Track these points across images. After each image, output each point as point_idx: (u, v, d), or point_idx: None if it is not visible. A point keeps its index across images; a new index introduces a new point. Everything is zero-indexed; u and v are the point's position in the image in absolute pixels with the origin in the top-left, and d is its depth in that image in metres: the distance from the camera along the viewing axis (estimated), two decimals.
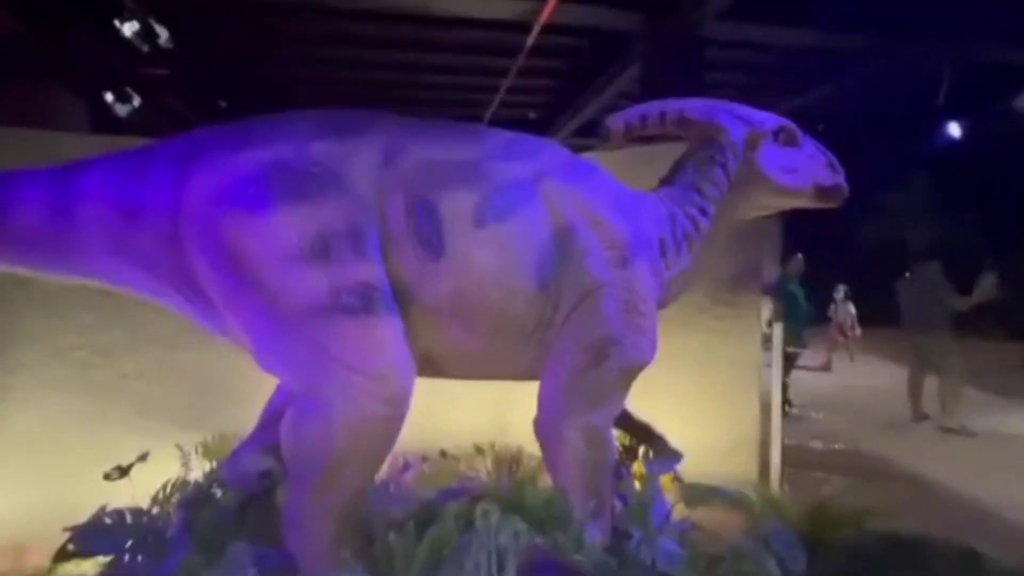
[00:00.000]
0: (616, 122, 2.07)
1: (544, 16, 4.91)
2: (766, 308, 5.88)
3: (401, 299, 1.58)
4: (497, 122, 8.98)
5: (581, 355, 1.75)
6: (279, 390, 1.93)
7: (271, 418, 1.84)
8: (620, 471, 2.37)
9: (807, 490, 3.21)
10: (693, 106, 2.06)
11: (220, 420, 2.64)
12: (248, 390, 2.11)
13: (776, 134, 1.99)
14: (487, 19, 5.76)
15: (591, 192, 1.84)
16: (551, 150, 1.96)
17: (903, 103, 7.95)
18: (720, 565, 1.74)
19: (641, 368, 1.83)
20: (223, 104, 7.67)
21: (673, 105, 2.08)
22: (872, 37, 5.92)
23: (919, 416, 5.26)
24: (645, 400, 3.67)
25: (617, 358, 1.75)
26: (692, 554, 1.73)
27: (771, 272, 5.90)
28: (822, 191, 2.03)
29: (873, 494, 3.49)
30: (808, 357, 7.51)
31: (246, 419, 2.03)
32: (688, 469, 3.57)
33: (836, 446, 3.50)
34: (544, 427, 1.81)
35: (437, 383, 1.99)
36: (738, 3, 4.87)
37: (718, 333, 3.53)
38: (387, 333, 1.53)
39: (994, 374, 5.92)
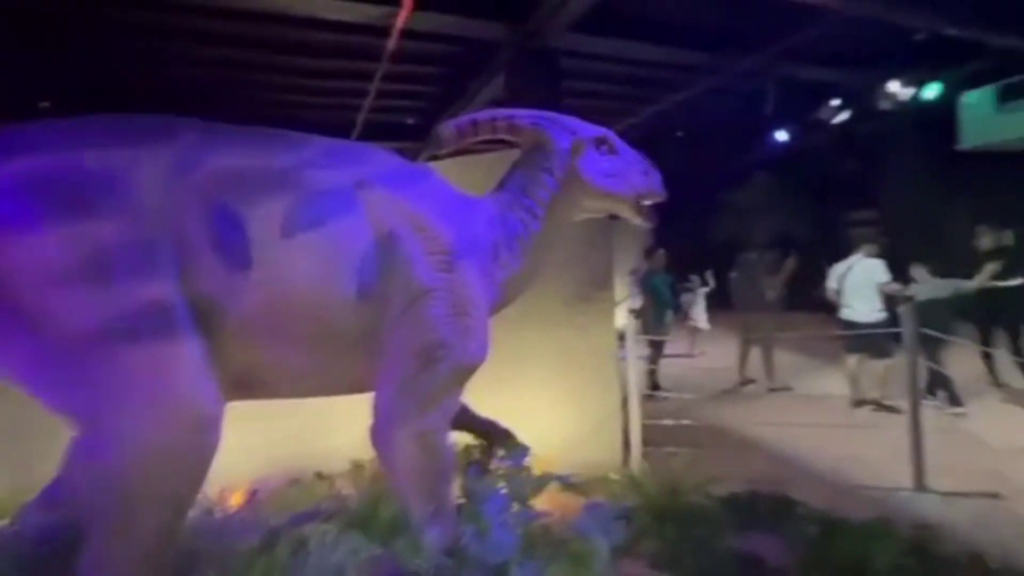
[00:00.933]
0: (448, 128, 2.13)
1: (399, 22, 4.90)
2: (634, 300, 6.37)
3: (207, 316, 1.48)
4: (374, 127, 8.79)
5: (411, 360, 1.76)
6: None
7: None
8: (479, 469, 2.42)
9: (663, 464, 3.56)
10: (522, 115, 2.17)
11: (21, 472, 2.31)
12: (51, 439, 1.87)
13: (597, 143, 2.15)
14: (351, 22, 5.63)
15: (416, 199, 1.86)
16: (377, 158, 1.95)
17: (743, 112, 9.06)
18: (558, 548, 1.86)
19: (472, 369, 1.88)
20: (45, 105, 6.68)
21: (503, 113, 2.17)
22: (710, 55, 6.67)
23: (744, 381, 6.03)
24: (513, 393, 3.81)
25: (447, 361, 1.78)
26: (530, 542, 1.82)
27: (640, 266, 6.48)
28: (640, 194, 2.22)
29: (716, 460, 3.96)
30: (678, 345, 8.24)
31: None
32: (558, 456, 3.76)
33: (685, 421, 3.86)
34: (378, 435, 1.80)
35: (318, 402, 1.92)
36: (589, 17, 5.22)
37: (579, 327, 3.76)
38: (182, 355, 1.42)
39: (809, 342, 6.88)
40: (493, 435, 2.38)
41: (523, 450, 2.35)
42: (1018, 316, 5.38)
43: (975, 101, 7.19)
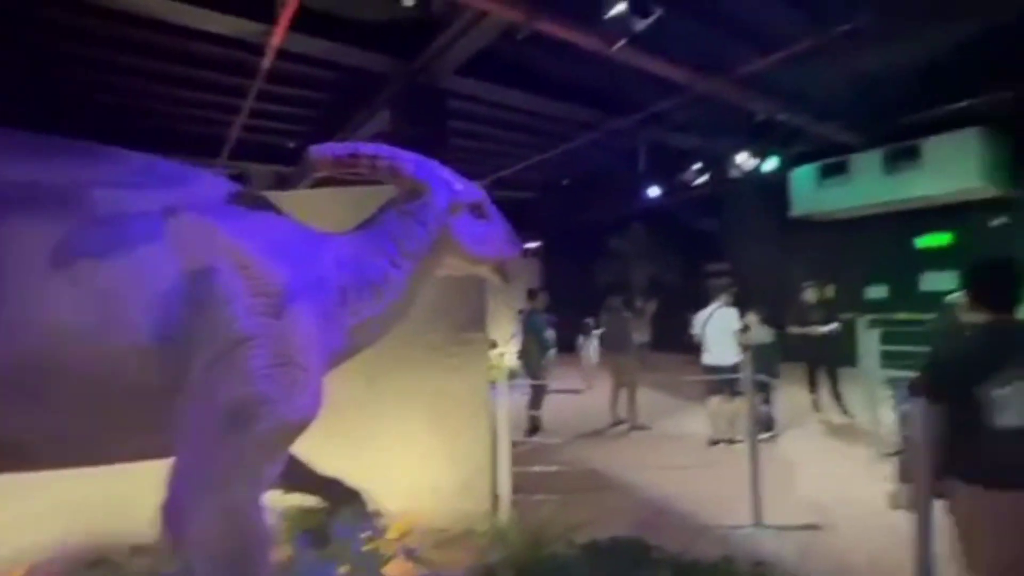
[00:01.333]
0: (322, 152, 1.94)
1: (275, 41, 4.65)
2: (517, 340, 6.42)
3: None
4: (250, 146, 8.17)
5: (219, 419, 1.49)
6: None
7: None
8: (315, 539, 2.14)
9: (534, 512, 3.50)
10: (407, 159, 2.05)
11: None
12: None
13: (473, 206, 2.09)
14: (227, 35, 5.23)
15: (241, 232, 1.64)
16: (201, 181, 1.71)
17: (622, 166, 9.86)
18: None
19: (302, 427, 1.66)
20: None
21: (387, 151, 2.03)
22: (589, 111, 7.18)
23: (614, 422, 6.29)
24: (378, 444, 3.56)
25: (267, 419, 1.54)
26: None
27: (525, 306, 6.59)
28: (503, 262, 2.21)
29: (584, 505, 4.00)
30: (569, 381, 8.43)
31: None
32: (428, 509, 3.55)
33: (554, 467, 3.86)
34: (170, 512, 1.49)
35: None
36: (478, 62, 5.36)
37: (451, 370, 3.64)
38: None
39: (676, 383, 7.40)
40: (336, 496, 2.12)
41: (370, 515, 2.11)
42: (835, 358, 6.24)
43: (802, 176, 8.53)
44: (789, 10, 4.67)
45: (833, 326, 6.10)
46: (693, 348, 5.95)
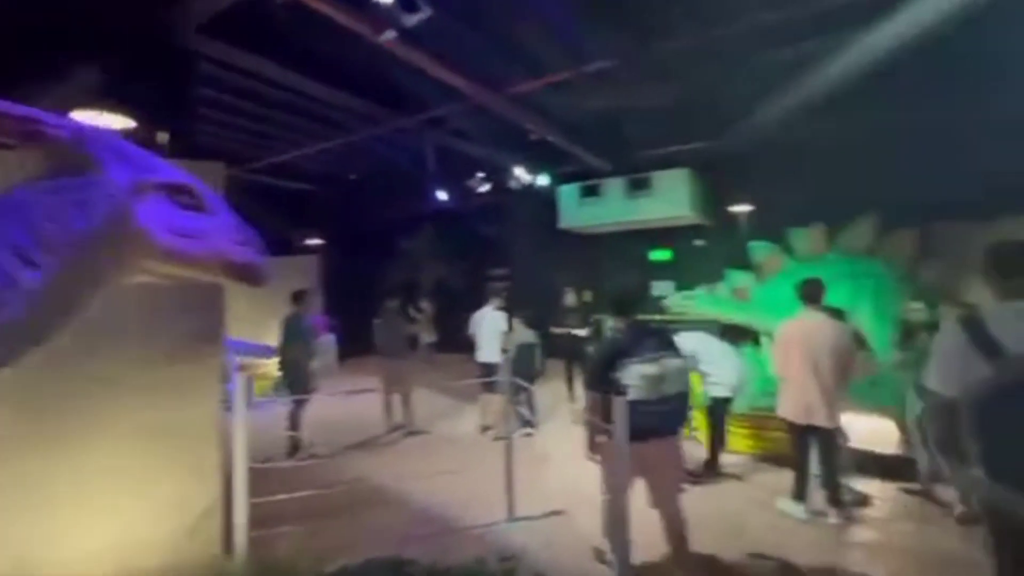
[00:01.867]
0: None
1: None
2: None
3: None
4: None
5: None
6: None
7: None
8: None
9: (280, 545, 3.08)
10: (62, 124, 1.48)
11: None
12: None
13: (173, 190, 1.64)
14: None
15: None
16: None
17: (413, 167, 9.72)
18: None
19: None
20: None
21: (35, 113, 1.43)
22: (369, 104, 6.85)
23: (391, 428, 6.18)
24: (74, 482, 2.72)
25: None
26: None
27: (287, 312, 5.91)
28: (231, 267, 1.79)
29: (344, 526, 3.73)
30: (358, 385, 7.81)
31: None
32: (154, 555, 2.83)
33: (305, 492, 3.47)
34: None
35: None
36: (230, 23, 4.56)
37: (173, 394, 2.98)
38: None
39: (457, 382, 7.60)
40: None
41: None
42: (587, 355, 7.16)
43: (567, 193, 9.67)
44: (557, 40, 5.15)
45: (588, 329, 6.95)
46: (472, 348, 6.16)
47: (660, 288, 10.42)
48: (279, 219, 11.64)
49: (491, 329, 5.97)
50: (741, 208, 9.12)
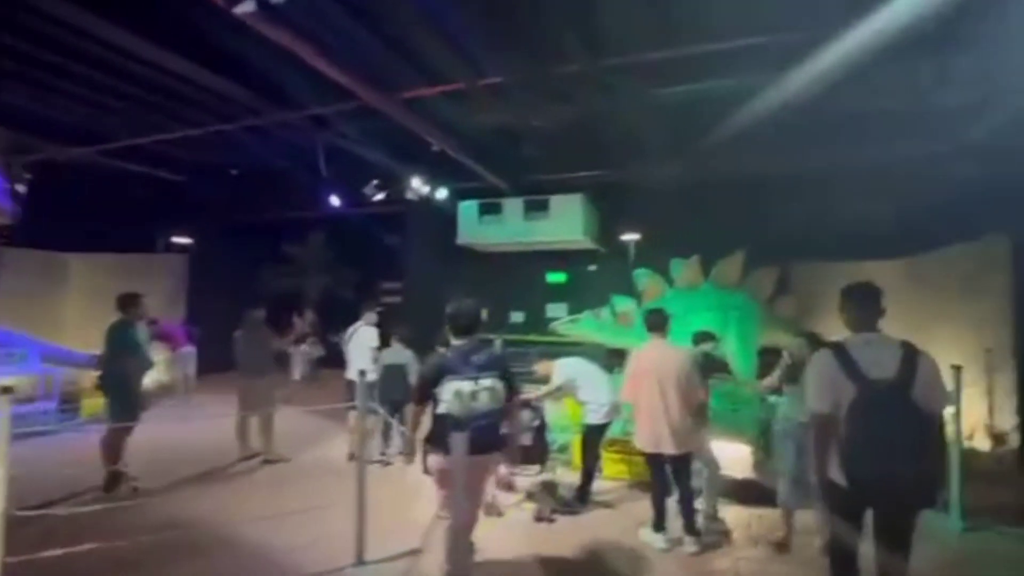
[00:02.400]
0: None
1: None
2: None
3: None
4: None
5: None
6: None
7: None
8: None
9: None
10: None
11: None
12: None
13: None
14: None
15: None
16: None
17: (302, 167, 8.99)
18: None
19: None
20: None
21: None
22: (248, 93, 6.20)
23: (245, 456, 5.48)
24: None
25: None
26: None
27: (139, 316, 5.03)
28: None
29: None
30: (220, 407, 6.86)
31: None
32: None
33: (87, 545, 2.80)
34: None
35: None
36: None
37: None
38: None
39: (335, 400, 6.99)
40: None
41: None
42: None
43: (466, 209, 9.50)
44: (452, 49, 4.95)
45: None
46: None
47: (555, 310, 10.55)
48: (139, 210, 10.23)
49: (361, 346, 5.53)
50: (630, 236, 9.51)
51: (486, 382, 2.84)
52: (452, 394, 2.79)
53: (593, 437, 4.46)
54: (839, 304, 2.58)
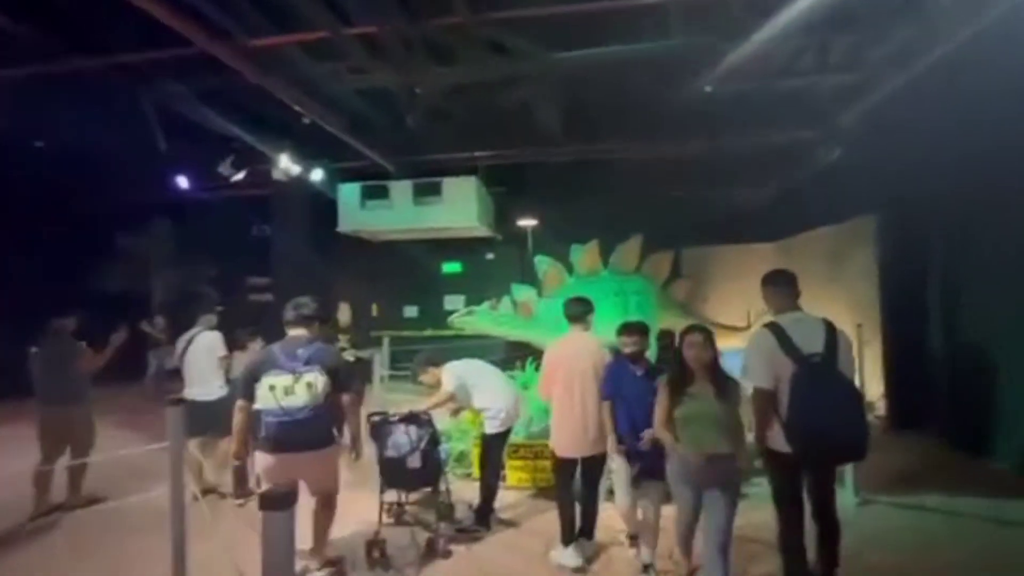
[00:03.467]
0: None
1: None
2: None
3: None
4: None
5: None
6: None
7: None
8: None
9: None
10: None
11: None
12: None
13: None
14: None
15: None
16: None
17: (134, 139, 7.30)
18: None
19: None
20: None
21: None
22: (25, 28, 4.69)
23: (41, 511, 4.18)
24: None
25: None
26: None
27: None
28: None
29: None
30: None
31: None
32: None
33: None
34: None
35: None
36: None
37: None
38: None
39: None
40: None
41: None
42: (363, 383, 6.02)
43: (348, 193, 8.44)
44: None
45: (368, 352, 5.77)
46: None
47: (452, 302, 9.88)
48: None
49: (200, 358, 4.45)
50: (528, 222, 9.10)
51: (308, 376, 2.81)
52: (266, 388, 2.79)
53: (494, 447, 3.87)
54: (763, 291, 2.85)
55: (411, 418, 3.39)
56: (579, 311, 3.53)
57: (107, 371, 4.52)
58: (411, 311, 10.20)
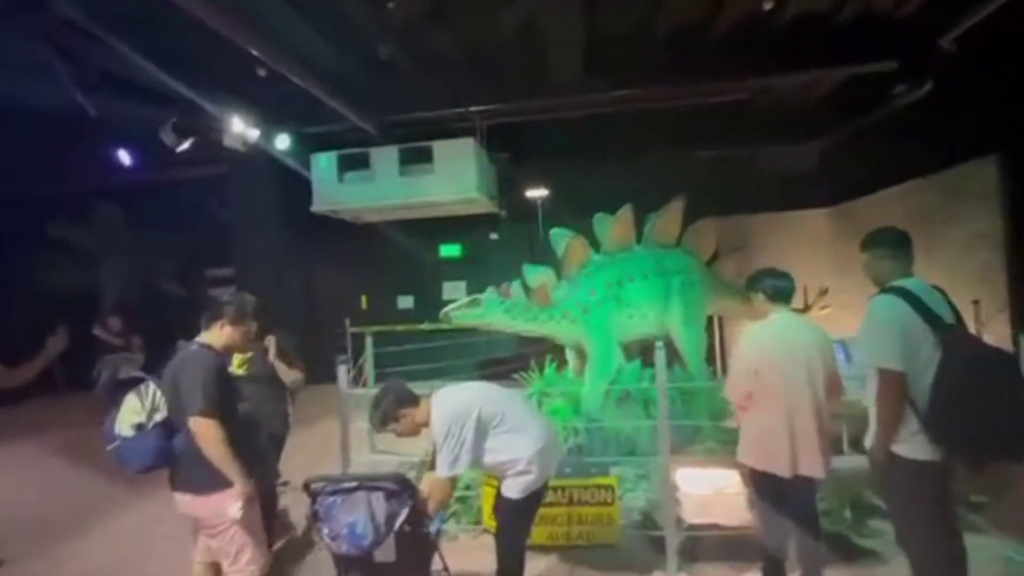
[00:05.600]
0: None
1: None
2: None
3: None
4: None
5: None
6: None
7: None
8: None
9: None
10: None
11: None
12: None
13: None
14: None
15: None
16: None
17: (60, 107, 5.93)
18: None
19: None
20: None
21: None
22: None
23: None
24: None
25: None
26: None
27: None
28: None
29: None
30: None
31: None
32: None
33: None
34: None
35: None
36: None
37: None
38: None
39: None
40: None
41: None
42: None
43: (324, 164, 7.11)
44: None
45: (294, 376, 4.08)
46: None
47: (453, 291, 8.58)
48: None
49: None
50: (538, 193, 7.74)
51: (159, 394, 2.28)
52: (124, 409, 2.28)
53: (522, 514, 2.44)
54: (868, 257, 2.30)
55: (378, 482, 2.09)
56: (789, 286, 2.65)
57: (48, 382, 3.32)
58: (406, 302, 8.89)
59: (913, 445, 2.01)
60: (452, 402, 2.35)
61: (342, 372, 3.43)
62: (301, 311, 5.07)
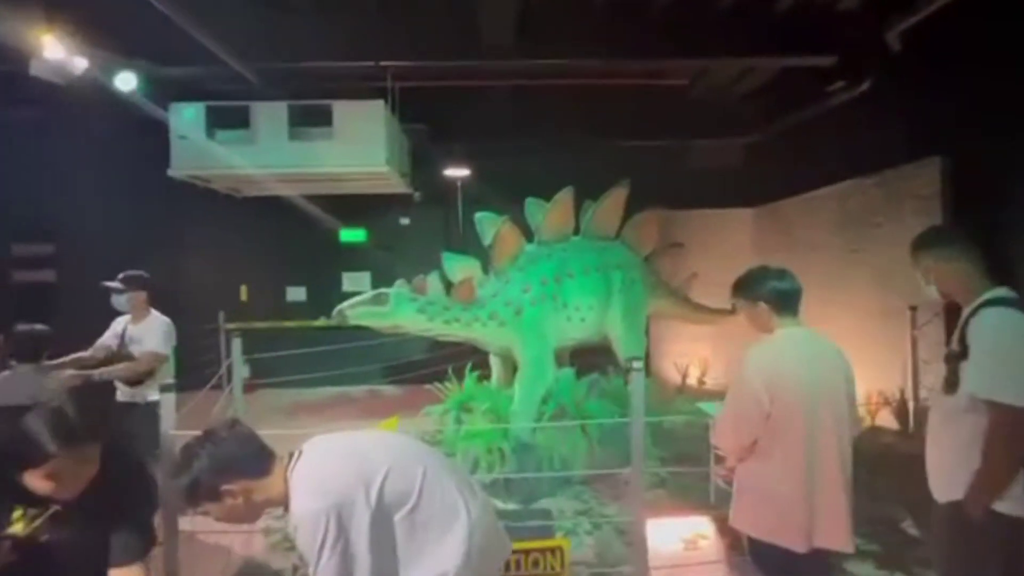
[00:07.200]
0: None
1: None
2: None
3: None
4: None
5: None
6: None
7: None
8: None
9: None
10: None
11: None
12: None
13: None
14: None
15: None
16: None
17: None
18: None
19: None
20: None
21: None
22: None
23: None
24: None
25: None
26: None
27: None
28: None
29: None
30: None
31: None
32: None
33: None
34: None
35: None
36: None
37: None
38: None
39: None
40: None
41: None
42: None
43: (188, 117, 5.60)
44: None
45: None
46: None
47: (353, 281, 7.41)
48: None
49: None
50: (458, 172, 6.81)
51: None
52: None
53: None
54: (930, 261, 1.78)
55: None
56: (795, 288, 1.91)
57: None
58: (297, 294, 7.55)
59: (1016, 500, 1.59)
60: (329, 471, 1.32)
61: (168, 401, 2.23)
62: (159, 302, 3.84)
